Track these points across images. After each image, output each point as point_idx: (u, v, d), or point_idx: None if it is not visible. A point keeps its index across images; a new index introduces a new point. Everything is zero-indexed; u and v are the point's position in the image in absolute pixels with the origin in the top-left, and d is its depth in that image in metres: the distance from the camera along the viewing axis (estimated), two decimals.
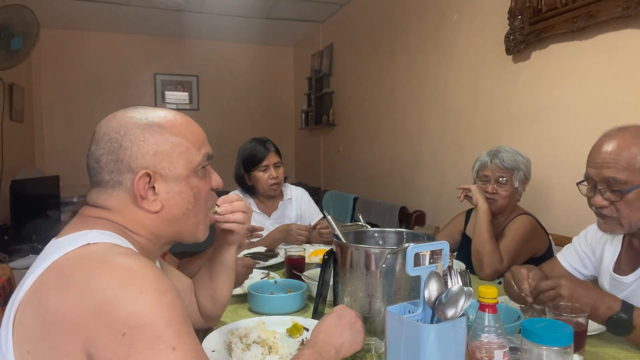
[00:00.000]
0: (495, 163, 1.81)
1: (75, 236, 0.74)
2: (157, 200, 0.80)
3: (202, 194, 0.86)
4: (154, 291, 0.65)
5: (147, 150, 0.79)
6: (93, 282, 0.65)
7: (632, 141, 1.13)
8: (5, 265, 1.53)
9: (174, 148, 0.81)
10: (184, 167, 0.82)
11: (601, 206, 1.17)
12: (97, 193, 0.81)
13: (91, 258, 0.69)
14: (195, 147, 0.84)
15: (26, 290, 0.68)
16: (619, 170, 1.12)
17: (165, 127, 0.81)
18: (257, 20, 4.93)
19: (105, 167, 0.79)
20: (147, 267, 0.68)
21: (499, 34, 2.40)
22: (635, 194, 1.12)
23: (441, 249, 0.92)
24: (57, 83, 5.21)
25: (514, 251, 1.72)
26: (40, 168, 4.88)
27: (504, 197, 1.80)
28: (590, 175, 1.19)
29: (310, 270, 1.54)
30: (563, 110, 2.12)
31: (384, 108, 3.79)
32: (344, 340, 0.90)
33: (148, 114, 0.82)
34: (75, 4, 4.32)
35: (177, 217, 0.83)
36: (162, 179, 0.80)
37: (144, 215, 0.81)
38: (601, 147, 1.17)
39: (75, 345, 0.63)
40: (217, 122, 5.65)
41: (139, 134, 0.79)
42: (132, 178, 0.78)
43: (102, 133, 0.80)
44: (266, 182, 2.16)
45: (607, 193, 1.15)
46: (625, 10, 1.72)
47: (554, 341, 0.76)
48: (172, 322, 0.65)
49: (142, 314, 0.63)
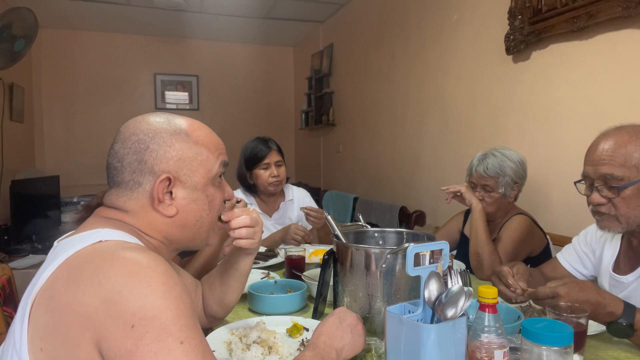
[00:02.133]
0: (479, 171, 1.80)
1: (88, 234, 0.75)
2: (173, 205, 0.82)
3: (216, 203, 0.89)
4: (163, 284, 0.66)
5: (172, 156, 0.81)
6: (102, 275, 0.66)
7: (628, 138, 1.13)
8: (5, 265, 1.53)
9: (196, 156, 0.84)
10: (203, 175, 0.85)
11: (599, 203, 1.17)
12: (115, 195, 0.82)
13: (101, 253, 0.70)
14: (214, 157, 0.87)
15: (40, 287, 0.69)
16: (616, 166, 1.12)
17: (191, 135, 0.84)
18: (257, 20, 4.93)
19: (129, 166, 0.81)
20: (156, 261, 0.69)
21: (499, 34, 2.40)
22: (632, 190, 1.12)
23: (441, 249, 0.92)
24: (57, 83, 5.21)
25: (512, 252, 1.72)
26: (40, 168, 4.88)
27: (489, 203, 1.79)
28: (587, 173, 1.20)
29: (310, 270, 1.54)
30: (563, 110, 2.12)
31: (384, 108, 3.79)
32: (345, 343, 0.91)
33: (175, 120, 0.85)
34: (75, 4, 4.32)
35: (190, 223, 0.85)
36: (181, 185, 0.83)
37: (159, 218, 0.82)
38: (598, 145, 1.18)
39: (86, 339, 0.64)
40: (217, 122, 5.64)
41: (167, 138, 0.82)
42: (153, 180, 0.80)
43: (129, 133, 0.82)
44: (266, 180, 2.17)
45: (604, 190, 1.16)
46: (625, 10, 1.72)
47: (554, 341, 0.76)
48: (180, 315, 0.65)
49: (150, 306, 0.64)
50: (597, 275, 1.39)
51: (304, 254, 1.64)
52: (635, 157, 1.11)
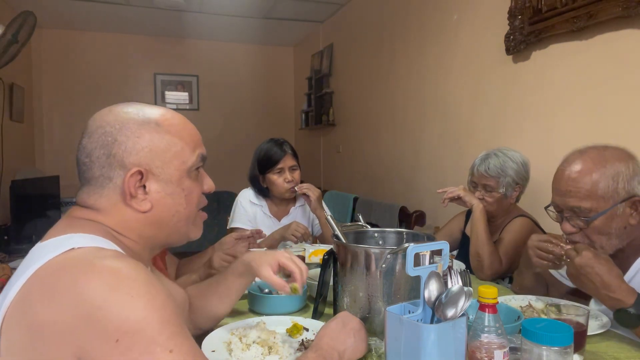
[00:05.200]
0: (480, 170, 1.80)
1: (59, 240, 0.71)
2: (147, 199, 0.78)
3: (193, 196, 0.83)
4: (145, 294, 0.64)
5: (142, 147, 0.76)
6: (80, 288, 0.62)
7: (592, 166, 1.13)
8: (5, 265, 1.53)
9: (169, 147, 0.79)
10: (177, 167, 0.80)
11: (570, 232, 1.17)
12: (87, 193, 0.78)
13: (76, 263, 0.66)
14: (189, 148, 0.82)
15: (11, 300, 0.66)
16: (582, 198, 1.12)
17: (162, 125, 0.79)
18: (257, 20, 4.93)
19: (97, 161, 0.76)
20: (136, 269, 0.66)
21: (499, 34, 2.40)
22: (601, 220, 1.12)
23: (441, 249, 0.92)
24: (57, 83, 5.21)
25: (513, 254, 1.72)
26: (40, 168, 4.88)
27: (490, 203, 1.79)
28: (556, 203, 1.20)
29: (310, 270, 1.54)
30: (563, 110, 2.12)
31: (384, 108, 3.79)
32: (347, 346, 0.91)
33: (145, 110, 0.80)
34: (75, 4, 4.32)
35: (166, 218, 0.80)
36: (154, 178, 0.78)
37: (132, 215, 0.78)
38: (563, 174, 1.17)
39: (67, 354, 0.62)
40: (217, 122, 5.65)
41: (135, 129, 0.77)
42: (123, 174, 0.75)
43: (95, 126, 0.78)
44: (281, 186, 2.09)
45: (574, 219, 1.16)
46: (625, 10, 1.72)
47: (554, 341, 0.76)
48: (166, 324, 0.63)
49: (134, 318, 0.61)
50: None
51: (304, 254, 1.64)
52: (600, 188, 1.11)
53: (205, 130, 0.89)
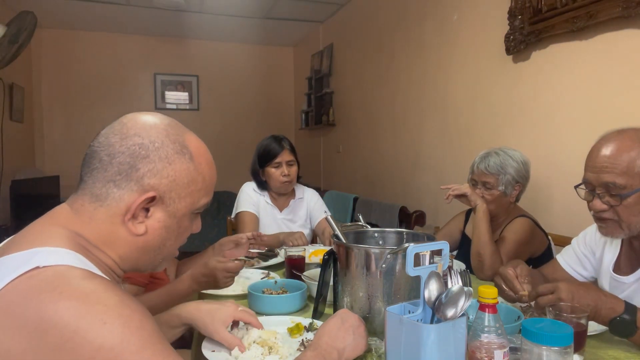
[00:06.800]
0: (481, 168, 1.81)
1: (23, 256, 0.64)
2: (144, 224, 0.75)
3: (183, 236, 0.82)
4: (119, 317, 0.60)
5: (168, 174, 0.74)
6: (47, 317, 0.58)
7: (631, 144, 1.12)
8: None
9: (190, 183, 0.77)
10: (187, 205, 0.78)
11: (600, 210, 1.16)
12: (89, 199, 0.74)
13: (41, 288, 0.60)
14: (205, 191, 0.81)
15: None
16: (618, 174, 1.11)
17: (194, 160, 0.77)
18: (257, 20, 4.93)
19: (118, 166, 0.72)
20: (107, 290, 0.62)
21: (499, 34, 2.40)
22: (634, 198, 1.11)
23: (441, 249, 0.92)
24: (57, 83, 5.21)
25: (514, 254, 1.72)
26: (40, 168, 4.89)
27: (490, 201, 1.79)
28: (588, 180, 1.18)
29: (310, 270, 1.54)
30: (563, 110, 2.12)
31: (384, 108, 3.79)
32: (346, 344, 0.90)
33: (186, 136, 0.78)
34: (75, 4, 4.32)
35: (152, 247, 0.78)
36: (162, 207, 0.75)
37: (122, 233, 0.74)
38: (599, 151, 1.16)
39: None
40: (217, 122, 5.65)
41: (171, 154, 0.74)
42: (136, 191, 0.72)
43: (133, 132, 0.75)
44: (277, 179, 2.21)
45: (606, 197, 1.14)
46: (625, 10, 1.72)
47: (554, 341, 0.76)
48: (145, 345, 0.61)
49: (109, 346, 0.58)
50: (597, 277, 1.38)
51: (304, 254, 1.64)
52: (638, 165, 1.10)
53: (205, 130, 0.89)
